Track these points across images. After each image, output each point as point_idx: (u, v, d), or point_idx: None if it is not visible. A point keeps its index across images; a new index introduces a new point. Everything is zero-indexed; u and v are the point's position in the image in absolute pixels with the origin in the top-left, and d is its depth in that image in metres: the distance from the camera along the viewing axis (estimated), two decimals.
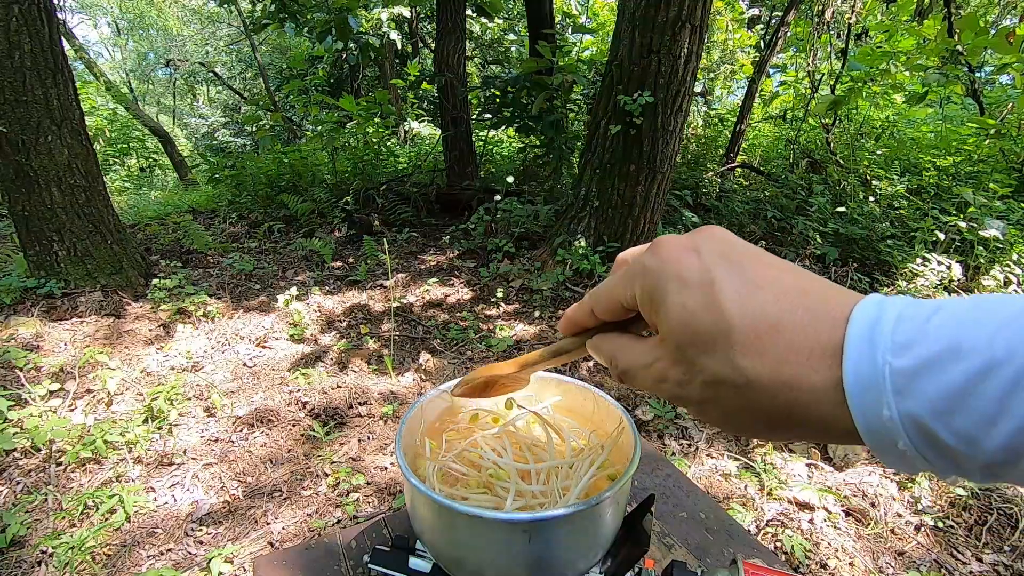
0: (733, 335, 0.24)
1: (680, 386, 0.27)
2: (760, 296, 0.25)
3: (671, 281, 0.26)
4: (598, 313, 0.32)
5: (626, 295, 0.29)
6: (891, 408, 0.21)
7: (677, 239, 0.28)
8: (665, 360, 0.27)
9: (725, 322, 0.24)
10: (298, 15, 5.22)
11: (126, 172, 8.82)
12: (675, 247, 0.27)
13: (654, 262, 0.27)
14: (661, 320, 0.27)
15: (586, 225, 3.58)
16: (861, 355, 0.22)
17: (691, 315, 0.25)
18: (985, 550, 1.59)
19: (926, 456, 0.21)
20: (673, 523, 0.84)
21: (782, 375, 0.23)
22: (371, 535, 0.81)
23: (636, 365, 0.29)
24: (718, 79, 6.70)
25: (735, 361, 0.24)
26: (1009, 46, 3.08)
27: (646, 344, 0.29)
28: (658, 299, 0.27)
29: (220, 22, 15.26)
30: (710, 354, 0.25)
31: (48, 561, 1.56)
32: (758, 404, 0.25)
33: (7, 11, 2.79)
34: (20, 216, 3.06)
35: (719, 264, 0.26)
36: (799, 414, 0.24)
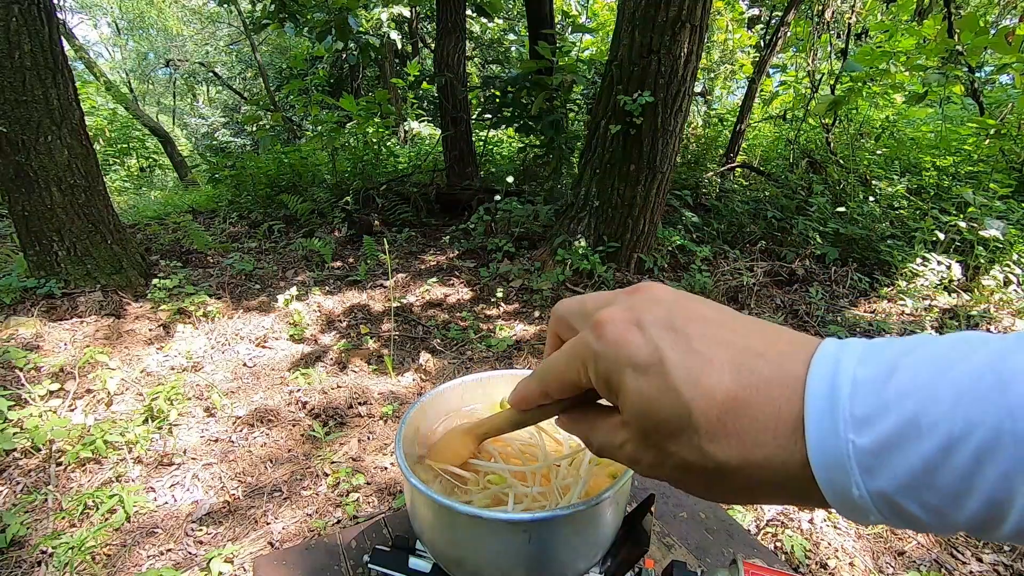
0: (694, 419, 0.23)
1: (653, 468, 0.27)
2: (713, 371, 0.24)
3: (624, 367, 0.25)
4: (552, 394, 0.32)
5: (580, 378, 0.29)
6: (860, 487, 0.21)
7: (616, 313, 0.27)
8: (633, 443, 0.27)
9: (684, 407, 0.24)
10: (298, 15, 5.22)
11: (126, 172, 8.82)
12: (618, 326, 0.26)
13: (601, 347, 0.26)
14: (622, 405, 0.26)
15: (586, 225, 3.58)
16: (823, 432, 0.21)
17: (649, 402, 0.25)
18: (985, 550, 1.59)
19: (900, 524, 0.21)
20: (673, 523, 0.84)
21: (751, 457, 0.23)
22: (371, 535, 0.81)
23: (608, 445, 0.29)
24: (718, 79, 6.70)
25: (702, 448, 0.24)
26: (1009, 46, 3.08)
27: (612, 422, 0.29)
28: (614, 385, 0.26)
29: (220, 22, 15.26)
30: (676, 441, 0.24)
31: (48, 561, 1.56)
32: (732, 483, 0.24)
33: (7, 11, 2.79)
34: (20, 216, 3.06)
35: (664, 337, 0.25)
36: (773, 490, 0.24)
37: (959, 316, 3.02)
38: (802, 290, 3.45)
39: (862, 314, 3.12)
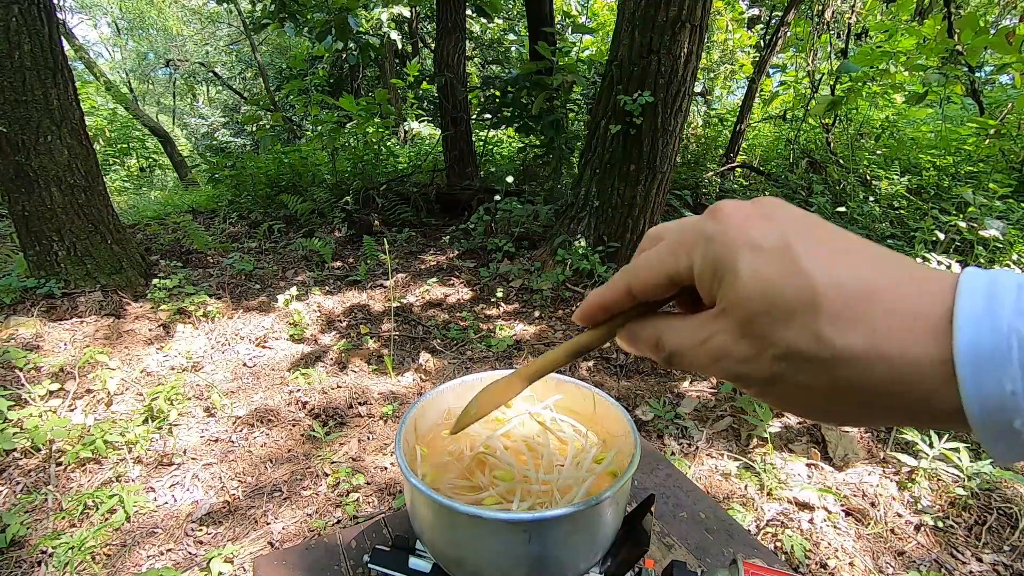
0: (818, 302, 0.21)
1: (745, 362, 0.24)
2: (847, 260, 0.22)
3: (742, 247, 0.23)
4: (637, 292, 0.28)
5: (678, 266, 0.26)
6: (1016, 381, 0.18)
7: (740, 204, 0.25)
8: (726, 334, 0.24)
9: (809, 288, 0.21)
10: (298, 15, 5.23)
11: (126, 172, 8.82)
12: (741, 212, 0.24)
13: (718, 228, 0.24)
14: (726, 290, 0.24)
15: (586, 225, 3.58)
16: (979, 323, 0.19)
17: (766, 282, 0.22)
18: (985, 550, 1.59)
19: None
20: (673, 523, 0.84)
21: (878, 346, 0.21)
22: (371, 535, 0.81)
23: (688, 343, 0.26)
24: (718, 79, 6.70)
25: (820, 331, 0.21)
26: (1009, 46, 3.08)
27: (697, 320, 0.26)
28: (725, 267, 0.23)
29: (220, 22, 15.26)
30: (787, 324, 0.22)
31: (48, 561, 1.56)
32: (844, 381, 0.21)
33: (7, 11, 2.79)
34: (20, 216, 3.06)
35: (796, 228, 0.23)
36: (893, 392, 0.21)
37: None
38: None
39: None
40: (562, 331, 3.00)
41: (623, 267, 0.29)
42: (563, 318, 3.14)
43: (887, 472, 1.89)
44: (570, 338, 3.15)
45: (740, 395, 2.25)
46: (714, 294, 0.25)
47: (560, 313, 3.19)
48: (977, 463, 1.77)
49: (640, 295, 0.28)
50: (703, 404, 2.31)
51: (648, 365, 2.62)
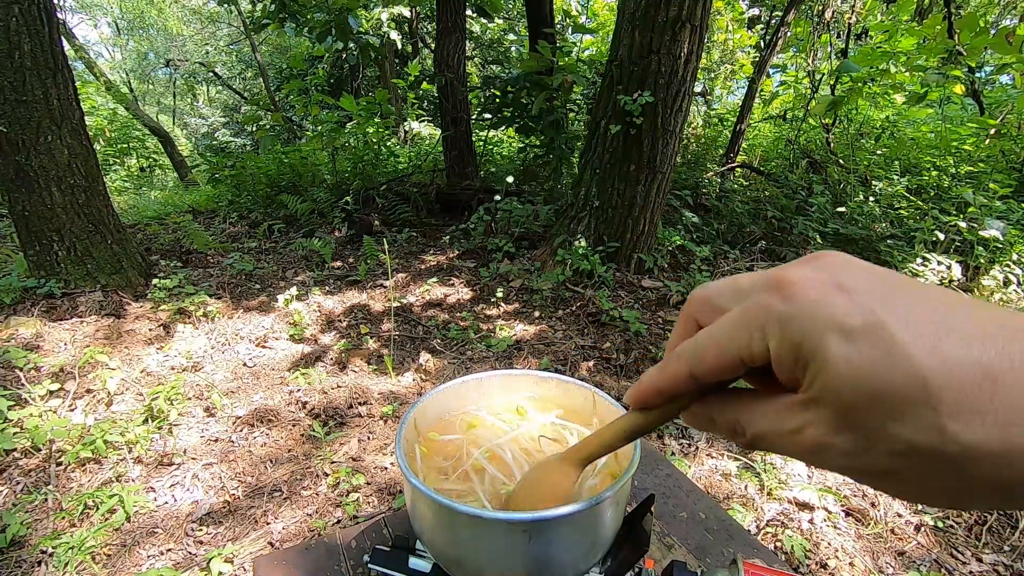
0: (932, 392, 0.19)
1: (852, 456, 0.21)
2: (954, 341, 0.19)
3: (827, 330, 0.21)
4: (702, 377, 0.26)
5: (752, 350, 0.23)
6: None
7: (805, 273, 0.22)
8: (822, 426, 0.22)
9: (919, 377, 0.19)
10: (298, 15, 5.23)
11: (126, 172, 8.82)
12: (812, 284, 0.22)
13: (792, 307, 0.22)
14: (815, 379, 0.21)
15: (586, 225, 3.58)
16: None
17: (864, 372, 0.20)
18: (985, 550, 1.59)
19: None
20: (673, 523, 0.84)
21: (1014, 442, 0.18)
22: (371, 535, 0.81)
23: (776, 431, 0.24)
24: (718, 79, 6.70)
25: (943, 426, 0.19)
26: (1009, 46, 3.08)
27: (782, 404, 0.23)
28: (810, 353, 0.21)
29: (220, 22, 15.27)
30: (901, 419, 0.20)
31: (48, 561, 1.56)
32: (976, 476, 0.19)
33: (7, 11, 2.79)
34: (20, 216, 3.06)
35: (880, 299, 0.21)
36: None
37: None
38: None
39: None
40: (562, 331, 3.00)
41: (679, 348, 0.27)
42: (563, 318, 3.14)
43: None
44: (570, 339, 3.13)
45: None
46: (798, 379, 0.22)
47: (560, 313, 3.19)
48: None
49: (705, 380, 0.26)
50: None
51: (648, 365, 2.62)
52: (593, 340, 2.88)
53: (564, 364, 2.67)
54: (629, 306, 3.20)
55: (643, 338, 2.84)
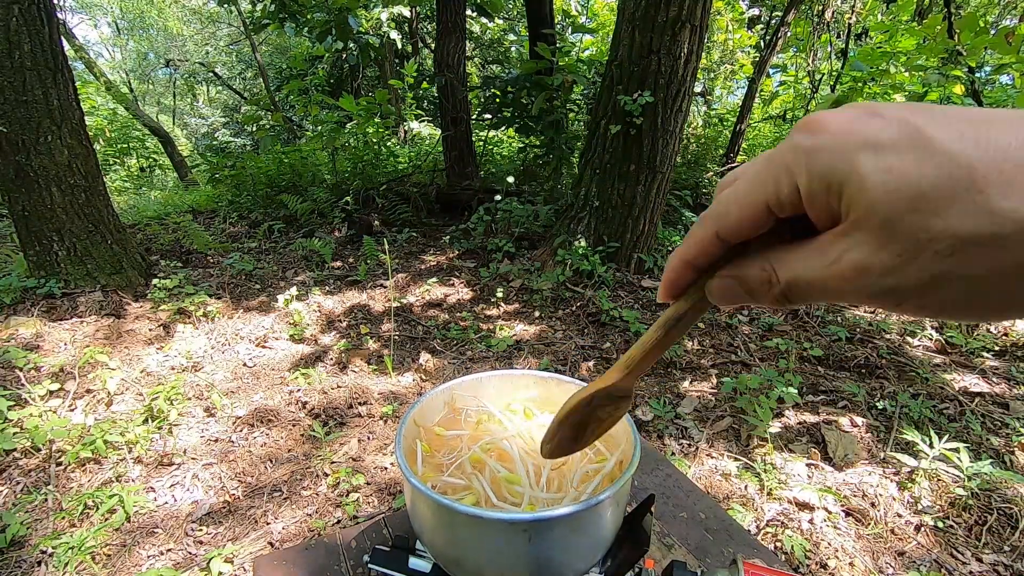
0: (980, 176, 0.18)
1: (892, 273, 0.20)
2: (995, 128, 0.19)
3: (857, 149, 0.20)
4: (728, 234, 0.24)
5: (779, 192, 0.22)
6: None
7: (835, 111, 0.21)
8: (863, 247, 0.20)
9: (959, 165, 0.18)
10: (298, 15, 5.23)
11: (126, 172, 8.82)
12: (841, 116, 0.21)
13: (822, 139, 0.21)
14: (852, 200, 0.20)
15: (586, 225, 3.58)
16: None
17: (903, 176, 0.19)
18: (985, 550, 1.59)
19: None
20: (673, 523, 0.84)
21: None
22: (371, 535, 0.81)
23: (812, 269, 0.22)
24: (718, 79, 6.70)
25: (994, 206, 0.18)
26: (1009, 46, 3.08)
27: (817, 243, 0.22)
28: (843, 176, 0.20)
29: (220, 22, 15.27)
30: (947, 212, 0.19)
31: (48, 561, 1.56)
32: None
33: (7, 11, 2.79)
34: (20, 216, 3.06)
35: (916, 113, 0.20)
36: None
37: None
38: None
39: (862, 314, 3.12)
40: (562, 331, 3.00)
41: (702, 214, 0.25)
42: (563, 318, 3.14)
43: (887, 472, 1.89)
44: (570, 339, 3.14)
45: (740, 395, 2.25)
46: (834, 211, 0.21)
47: (560, 313, 3.19)
48: (977, 463, 1.77)
49: (733, 237, 0.25)
50: (703, 404, 2.31)
51: None
52: (593, 340, 2.88)
53: (564, 364, 2.67)
54: (629, 306, 3.21)
55: None
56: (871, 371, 2.52)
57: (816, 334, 2.86)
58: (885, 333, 2.88)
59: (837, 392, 2.34)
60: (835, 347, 2.71)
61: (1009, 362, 2.59)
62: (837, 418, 2.16)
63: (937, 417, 2.16)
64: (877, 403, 2.24)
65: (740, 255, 0.25)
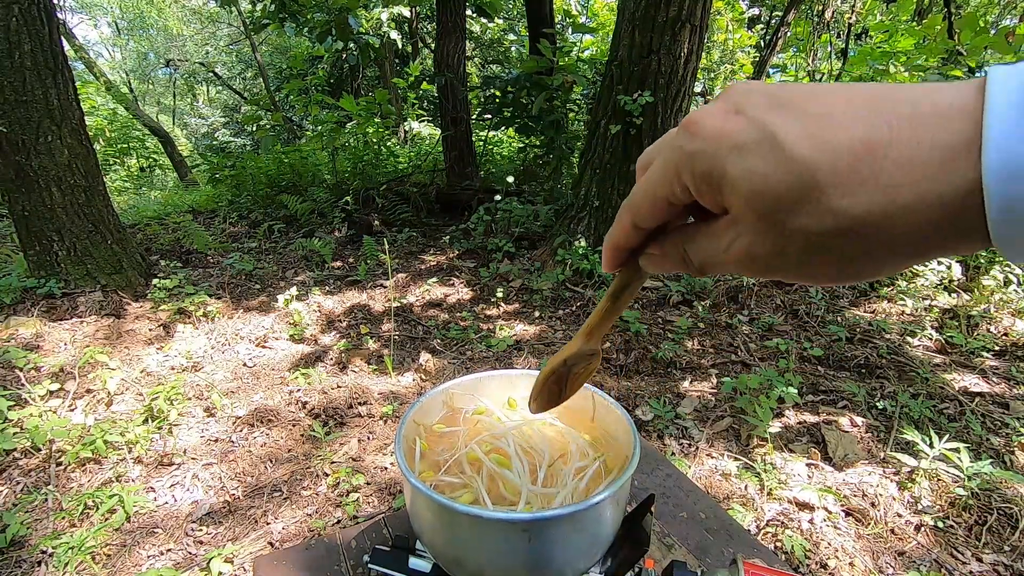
0: (820, 179, 0.21)
1: (774, 258, 0.24)
2: (836, 125, 0.21)
3: (726, 153, 0.23)
4: (641, 223, 0.29)
5: (674, 190, 0.26)
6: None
7: (712, 109, 0.24)
8: (746, 236, 0.24)
9: (804, 168, 0.21)
10: (298, 15, 5.23)
11: (126, 172, 8.82)
12: (713, 117, 0.24)
13: (697, 144, 0.24)
14: (729, 196, 0.24)
15: (586, 225, 3.58)
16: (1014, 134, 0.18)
17: (763, 178, 0.22)
18: (985, 550, 1.59)
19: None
20: (673, 523, 0.84)
21: (897, 201, 0.20)
22: (371, 535, 0.81)
23: (713, 253, 0.26)
24: (718, 79, 6.69)
25: (832, 207, 0.21)
26: (1009, 46, 3.08)
27: (716, 227, 0.26)
28: (717, 177, 0.23)
29: (220, 22, 15.27)
30: (800, 211, 0.22)
31: (48, 561, 1.56)
32: (871, 243, 0.21)
33: (7, 11, 2.79)
34: (20, 216, 3.06)
35: (771, 114, 0.22)
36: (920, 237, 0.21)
37: (959, 316, 3.02)
38: (802, 290, 3.45)
39: (862, 314, 3.12)
40: (562, 331, 3.00)
41: (623, 203, 0.29)
42: (563, 318, 3.14)
43: (887, 472, 1.89)
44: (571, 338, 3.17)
45: (740, 395, 2.25)
46: (720, 203, 0.25)
47: (560, 313, 3.19)
48: (977, 463, 1.77)
49: (647, 225, 0.29)
50: (703, 404, 2.31)
51: (648, 365, 2.62)
52: None
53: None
54: (629, 306, 3.20)
55: (643, 338, 2.84)
56: (871, 371, 2.52)
57: (816, 334, 2.86)
58: (885, 333, 2.88)
59: (837, 392, 2.34)
60: (835, 347, 2.71)
61: (1009, 362, 2.59)
62: (837, 418, 2.16)
63: (937, 417, 2.16)
64: (877, 403, 2.24)
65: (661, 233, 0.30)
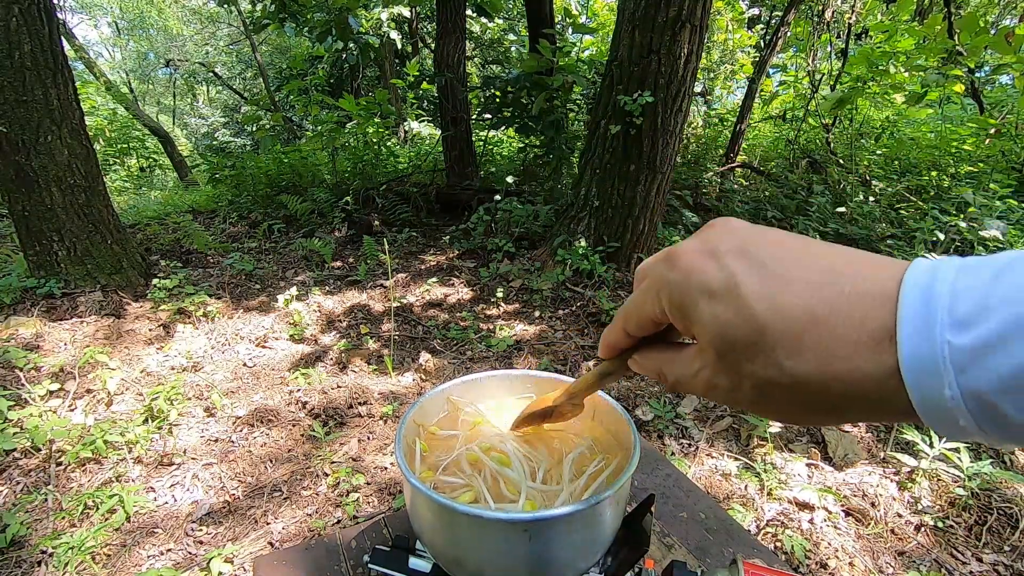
0: (769, 337, 0.24)
1: (731, 392, 0.27)
2: (790, 291, 0.24)
3: (697, 293, 0.26)
4: (631, 332, 0.33)
5: (654, 311, 0.29)
6: (953, 388, 0.20)
7: (691, 245, 0.28)
8: (709, 368, 0.27)
9: (759, 326, 0.24)
10: (298, 15, 5.22)
11: (126, 172, 8.81)
12: (691, 255, 0.27)
13: (674, 276, 0.27)
14: (698, 332, 0.27)
15: (586, 225, 3.58)
16: (917, 336, 0.21)
17: (724, 325, 0.25)
18: (985, 550, 1.59)
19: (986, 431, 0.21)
20: (673, 523, 0.84)
21: (831, 370, 0.23)
22: (371, 535, 0.81)
23: (683, 375, 0.30)
24: (718, 79, 6.69)
25: (780, 363, 0.24)
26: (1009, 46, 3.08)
27: (688, 353, 0.30)
28: (687, 312, 0.27)
29: (220, 22, 15.27)
30: (752, 360, 0.25)
31: (48, 561, 1.56)
32: (811, 399, 0.24)
33: (7, 11, 2.79)
34: (20, 216, 3.06)
35: (739, 263, 0.25)
36: (854, 402, 0.23)
37: None
38: None
39: None
40: (562, 331, 3.00)
41: (620, 309, 0.33)
42: (563, 318, 3.14)
43: (887, 472, 1.89)
44: (570, 339, 3.14)
45: None
46: (690, 332, 0.28)
47: (560, 313, 3.19)
48: (977, 463, 1.77)
49: (635, 334, 0.33)
50: (703, 404, 2.31)
51: None
52: (593, 340, 2.88)
53: (564, 364, 2.67)
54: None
55: None
56: None
57: None
58: None
59: None
60: None
61: None
62: None
63: None
64: None
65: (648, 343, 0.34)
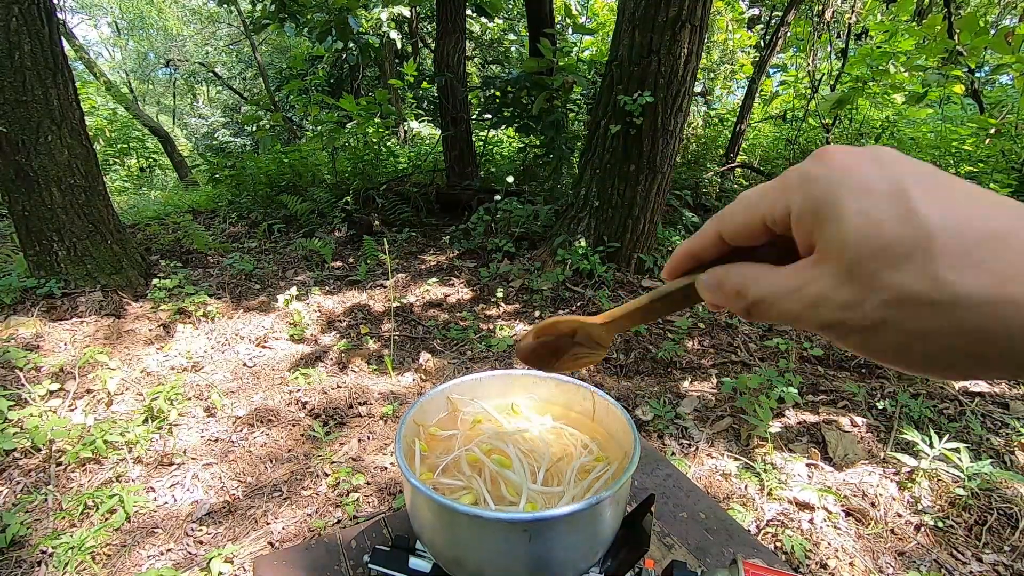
0: (935, 245, 0.20)
1: (845, 309, 0.22)
2: (969, 204, 0.21)
3: (849, 190, 0.22)
4: (728, 236, 0.27)
5: (774, 209, 0.25)
6: None
7: (850, 149, 0.23)
8: (827, 279, 0.23)
9: (924, 231, 0.20)
10: (298, 15, 5.22)
11: (126, 172, 8.81)
12: (849, 155, 0.23)
13: (823, 170, 0.23)
14: (829, 233, 0.22)
15: (586, 225, 3.58)
16: None
17: (876, 225, 0.21)
18: (985, 550, 1.59)
19: None
20: (673, 523, 0.84)
21: (1006, 291, 0.19)
22: (371, 535, 0.81)
23: (778, 291, 0.25)
24: (718, 79, 6.69)
25: (938, 274, 0.20)
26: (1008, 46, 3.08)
27: (791, 268, 0.25)
28: (829, 208, 0.22)
29: (220, 22, 15.27)
30: (900, 268, 0.21)
31: (48, 561, 1.56)
32: (963, 326, 0.20)
33: (7, 11, 2.79)
34: (20, 216, 3.06)
35: (911, 174, 0.22)
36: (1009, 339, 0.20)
37: None
38: None
39: None
40: None
41: (714, 215, 0.28)
42: None
43: (887, 472, 1.89)
44: None
45: (740, 395, 2.25)
46: (813, 239, 0.23)
47: (560, 313, 3.19)
48: (977, 463, 1.77)
49: (731, 240, 0.28)
50: (703, 404, 2.31)
51: (648, 365, 2.62)
52: None
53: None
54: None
55: (643, 338, 2.84)
56: (871, 371, 2.52)
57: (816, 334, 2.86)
58: None
59: (837, 392, 2.34)
60: (835, 347, 2.71)
61: None
62: (837, 418, 2.16)
63: (937, 417, 2.16)
64: (877, 403, 2.24)
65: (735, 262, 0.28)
